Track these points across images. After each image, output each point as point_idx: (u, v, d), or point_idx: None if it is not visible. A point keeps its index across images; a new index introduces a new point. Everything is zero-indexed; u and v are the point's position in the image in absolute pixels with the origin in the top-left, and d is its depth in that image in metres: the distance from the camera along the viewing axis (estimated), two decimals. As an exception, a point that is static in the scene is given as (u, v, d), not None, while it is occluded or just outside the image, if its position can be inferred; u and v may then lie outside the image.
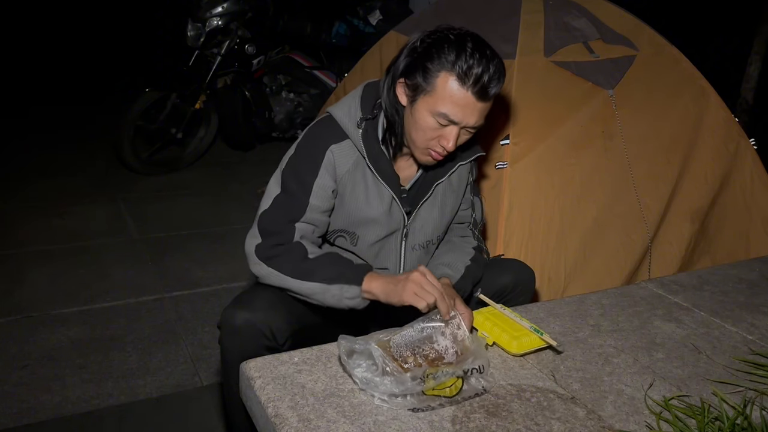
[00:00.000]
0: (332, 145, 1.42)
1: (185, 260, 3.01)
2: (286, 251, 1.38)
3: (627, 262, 2.27)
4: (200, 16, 3.93)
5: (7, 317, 2.45)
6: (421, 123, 1.35)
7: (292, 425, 1.05)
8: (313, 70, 4.40)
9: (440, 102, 1.31)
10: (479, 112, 1.33)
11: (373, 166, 1.43)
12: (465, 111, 1.31)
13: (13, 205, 3.49)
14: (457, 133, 1.35)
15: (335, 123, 1.44)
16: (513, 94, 2.20)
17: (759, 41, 4.85)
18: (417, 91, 1.34)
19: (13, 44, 6.90)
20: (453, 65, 1.28)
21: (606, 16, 2.49)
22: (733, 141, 2.51)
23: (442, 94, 1.30)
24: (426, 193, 1.51)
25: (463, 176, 1.59)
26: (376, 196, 1.45)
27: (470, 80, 1.28)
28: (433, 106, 1.32)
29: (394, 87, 1.40)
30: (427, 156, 1.41)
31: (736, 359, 1.33)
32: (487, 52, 1.31)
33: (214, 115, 4.21)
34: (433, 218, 1.54)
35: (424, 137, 1.36)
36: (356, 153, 1.44)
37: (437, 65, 1.30)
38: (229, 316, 1.36)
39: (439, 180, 1.52)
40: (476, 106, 1.32)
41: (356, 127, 1.42)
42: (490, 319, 1.33)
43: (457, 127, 1.34)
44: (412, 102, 1.36)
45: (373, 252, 1.51)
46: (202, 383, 2.15)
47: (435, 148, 1.38)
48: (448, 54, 1.29)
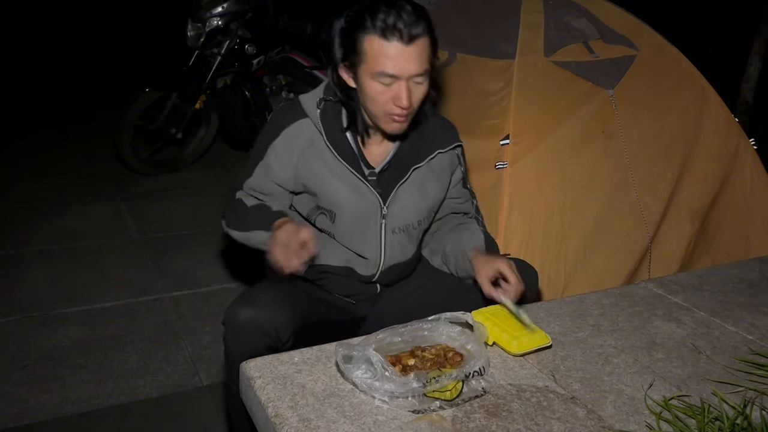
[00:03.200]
0: (289, 124, 1.50)
1: (185, 260, 3.01)
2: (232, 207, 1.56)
3: (627, 262, 2.27)
4: (200, 16, 3.92)
5: (7, 317, 2.45)
6: (369, 92, 1.39)
7: (292, 425, 1.05)
8: (313, 70, 4.39)
9: (375, 63, 1.35)
10: (414, 58, 1.35)
11: (332, 145, 1.47)
12: (399, 61, 1.34)
13: (13, 205, 3.49)
14: (406, 88, 1.37)
15: (297, 105, 1.51)
16: (513, 94, 2.20)
17: (759, 41, 4.85)
18: (355, 65, 1.39)
19: (14, 44, 6.90)
20: (372, 27, 1.34)
21: (606, 16, 2.49)
22: (733, 141, 2.51)
23: (372, 56, 1.35)
24: (403, 176, 1.52)
25: (445, 165, 1.60)
26: (337, 175, 1.48)
27: (389, 31, 1.33)
28: (371, 70, 1.36)
29: (338, 74, 1.45)
30: (392, 122, 1.42)
31: (736, 359, 1.33)
32: (397, 2, 1.35)
33: (214, 115, 4.21)
34: (414, 202, 1.55)
35: (379, 104, 1.39)
36: (312, 131, 1.49)
37: (360, 34, 1.36)
38: (233, 313, 1.37)
39: (417, 164, 1.53)
40: (407, 52, 1.34)
41: (315, 106, 1.48)
42: (490, 319, 1.33)
43: (402, 81, 1.37)
44: (356, 78, 1.41)
45: (352, 233, 1.52)
46: (202, 383, 2.15)
47: (394, 111, 1.39)
48: (365, 20, 1.35)
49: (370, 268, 1.56)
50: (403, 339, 1.23)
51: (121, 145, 3.86)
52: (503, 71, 2.27)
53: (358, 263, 1.55)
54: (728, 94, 2.89)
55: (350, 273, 1.56)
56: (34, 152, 4.34)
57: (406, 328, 1.24)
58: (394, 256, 1.56)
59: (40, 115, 5.28)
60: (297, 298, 1.46)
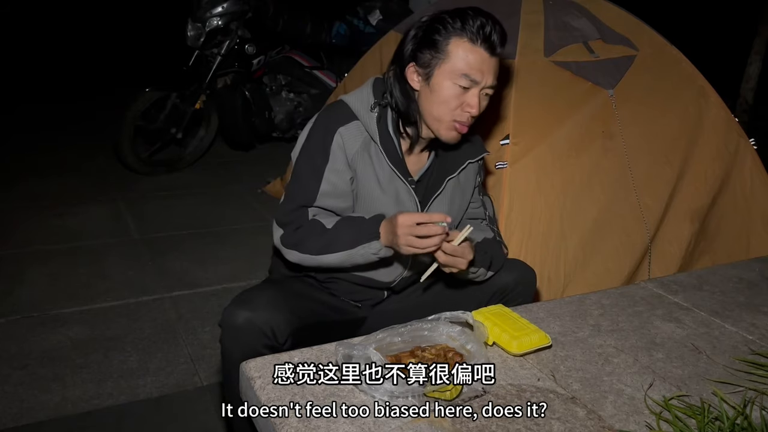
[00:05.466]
0: (340, 128, 1.45)
1: (185, 260, 3.01)
2: (307, 232, 1.43)
3: (627, 262, 2.27)
4: (200, 16, 3.92)
5: (7, 317, 2.45)
6: (442, 93, 1.39)
7: (292, 425, 1.05)
8: (313, 70, 4.40)
9: (458, 65, 1.37)
10: (493, 69, 1.40)
11: (384, 150, 1.45)
12: (482, 68, 1.38)
13: (13, 205, 3.49)
14: (478, 96, 1.39)
15: (345, 106, 1.47)
16: (513, 94, 2.20)
17: (759, 41, 4.86)
18: (431, 65, 1.39)
19: (14, 43, 6.90)
20: (462, 29, 1.37)
21: (606, 16, 2.49)
22: (733, 141, 2.51)
23: (457, 57, 1.37)
24: (439, 187, 1.53)
25: (470, 176, 1.61)
26: (380, 181, 1.47)
27: (480, 37, 1.36)
28: (452, 71, 1.38)
29: (404, 74, 1.43)
30: (453, 130, 1.43)
31: (736, 359, 1.33)
32: (486, 12, 1.39)
33: (214, 115, 4.21)
34: (445, 212, 1.54)
35: (448, 108, 1.40)
36: (364, 134, 1.46)
37: (446, 35, 1.38)
38: (229, 315, 1.37)
39: (451, 175, 1.54)
40: (490, 62, 1.39)
41: (369, 110, 1.45)
42: (490, 319, 1.33)
43: (477, 88, 1.39)
44: (428, 78, 1.40)
45: None
46: (202, 383, 2.15)
47: (460, 117, 1.40)
48: (454, 23, 1.37)
49: (391, 277, 1.56)
50: (403, 339, 1.23)
51: (121, 145, 3.86)
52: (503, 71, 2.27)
53: (379, 272, 1.54)
54: (728, 94, 2.89)
55: (368, 282, 1.55)
56: (34, 152, 4.34)
57: (406, 328, 1.24)
58: (418, 267, 1.56)
59: (40, 114, 5.28)
60: (294, 299, 1.46)
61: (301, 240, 1.43)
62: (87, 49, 7.16)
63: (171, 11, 4.96)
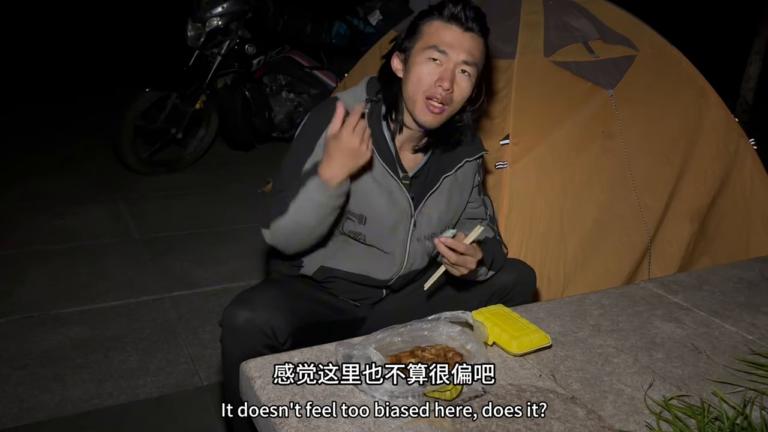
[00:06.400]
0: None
1: (185, 260, 3.01)
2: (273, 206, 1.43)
3: (627, 262, 2.27)
4: (200, 16, 3.92)
5: (7, 317, 2.45)
6: (416, 69, 1.41)
7: (292, 425, 1.05)
8: (313, 70, 4.40)
9: (430, 41, 1.40)
10: (466, 45, 1.40)
11: (375, 146, 1.45)
12: (452, 42, 1.39)
13: (13, 205, 3.49)
14: (452, 71, 1.40)
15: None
16: (513, 94, 2.20)
17: (759, 41, 4.85)
18: (409, 48, 1.44)
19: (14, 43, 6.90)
20: (437, 14, 1.42)
21: (606, 16, 2.49)
22: (733, 141, 2.51)
23: (429, 33, 1.41)
24: (434, 184, 1.53)
25: (469, 175, 1.60)
26: (373, 176, 1.47)
27: (451, 14, 1.40)
28: (424, 48, 1.41)
29: (390, 64, 1.47)
30: (428, 112, 1.41)
31: (736, 359, 1.33)
32: (466, 1, 1.43)
33: (214, 115, 4.21)
34: (439, 210, 1.55)
35: (422, 84, 1.40)
36: None
37: (422, 20, 1.44)
38: (230, 314, 1.37)
39: (448, 173, 1.54)
40: (462, 37, 1.40)
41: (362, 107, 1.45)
42: (490, 319, 1.33)
43: (450, 63, 1.39)
44: (407, 60, 1.44)
45: (380, 238, 1.51)
46: (202, 383, 2.15)
47: (434, 94, 1.40)
48: (432, 11, 1.43)
49: (388, 274, 1.56)
50: (403, 339, 1.23)
51: (121, 145, 3.86)
52: (503, 71, 2.27)
53: (376, 269, 1.54)
54: (728, 94, 2.89)
55: (365, 280, 1.56)
56: (33, 152, 4.34)
57: (406, 328, 1.24)
58: (414, 264, 1.56)
59: (40, 114, 5.28)
60: (294, 299, 1.46)
61: (270, 212, 1.42)
62: (87, 49, 7.16)
63: (171, 11, 4.96)
